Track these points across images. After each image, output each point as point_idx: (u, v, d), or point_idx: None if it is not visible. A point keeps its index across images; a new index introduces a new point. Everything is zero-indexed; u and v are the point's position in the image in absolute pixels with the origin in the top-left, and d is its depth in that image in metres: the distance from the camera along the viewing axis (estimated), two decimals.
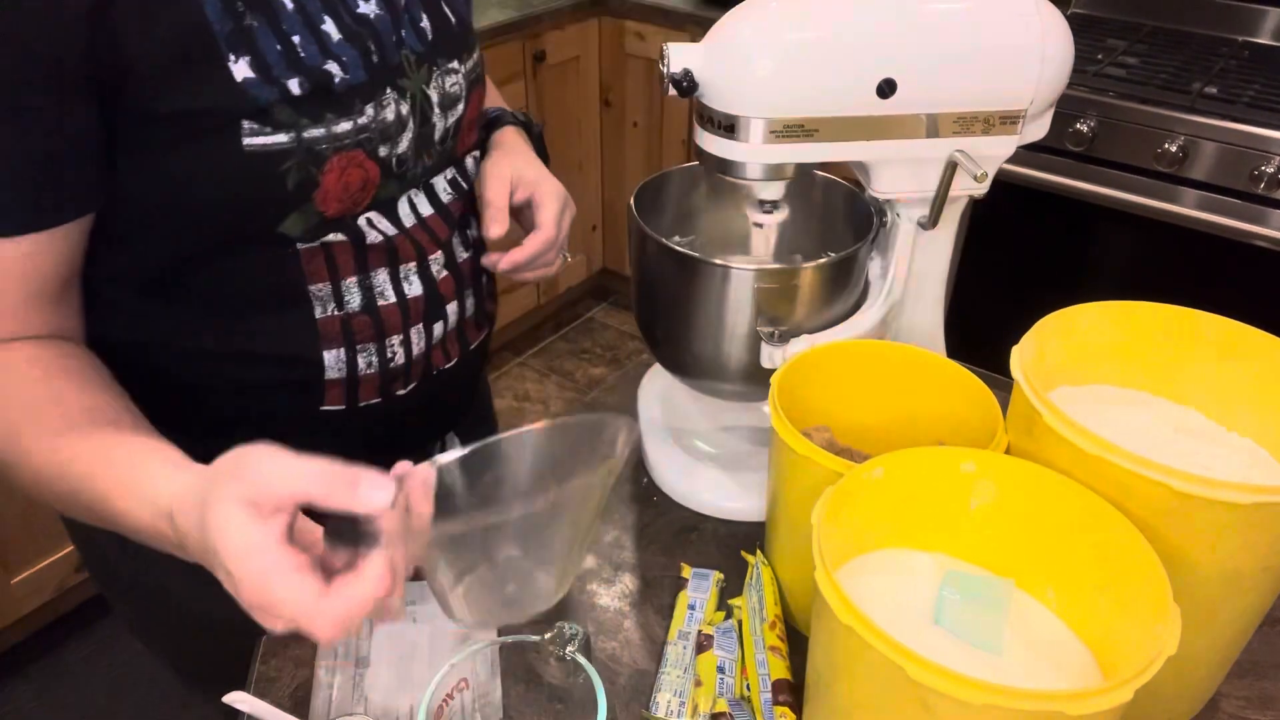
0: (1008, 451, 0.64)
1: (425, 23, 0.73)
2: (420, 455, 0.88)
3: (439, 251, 0.77)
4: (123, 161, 0.62)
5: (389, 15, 0.69)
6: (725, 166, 0.73)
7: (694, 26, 2.15)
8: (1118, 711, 0.46)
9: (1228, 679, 0.69)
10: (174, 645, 0.92)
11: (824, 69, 0.68)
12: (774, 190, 0.78)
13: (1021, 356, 0.64)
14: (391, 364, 0.76)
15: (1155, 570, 0.52)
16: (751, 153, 0.71)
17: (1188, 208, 1.58)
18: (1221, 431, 0.68)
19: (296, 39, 0.63)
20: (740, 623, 0.71)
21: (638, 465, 0.93)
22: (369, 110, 0.67)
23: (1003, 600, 0.60)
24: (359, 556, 0.46)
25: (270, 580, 0.46)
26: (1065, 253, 1.75)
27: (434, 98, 0.74)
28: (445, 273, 0.78)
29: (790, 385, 0.70)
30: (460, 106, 0.77)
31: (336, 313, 0.72)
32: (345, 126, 0.66)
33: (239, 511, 0.47)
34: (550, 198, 0.83)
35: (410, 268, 0.75)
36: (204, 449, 0.55)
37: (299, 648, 0.71)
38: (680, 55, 0.70)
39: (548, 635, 0.63)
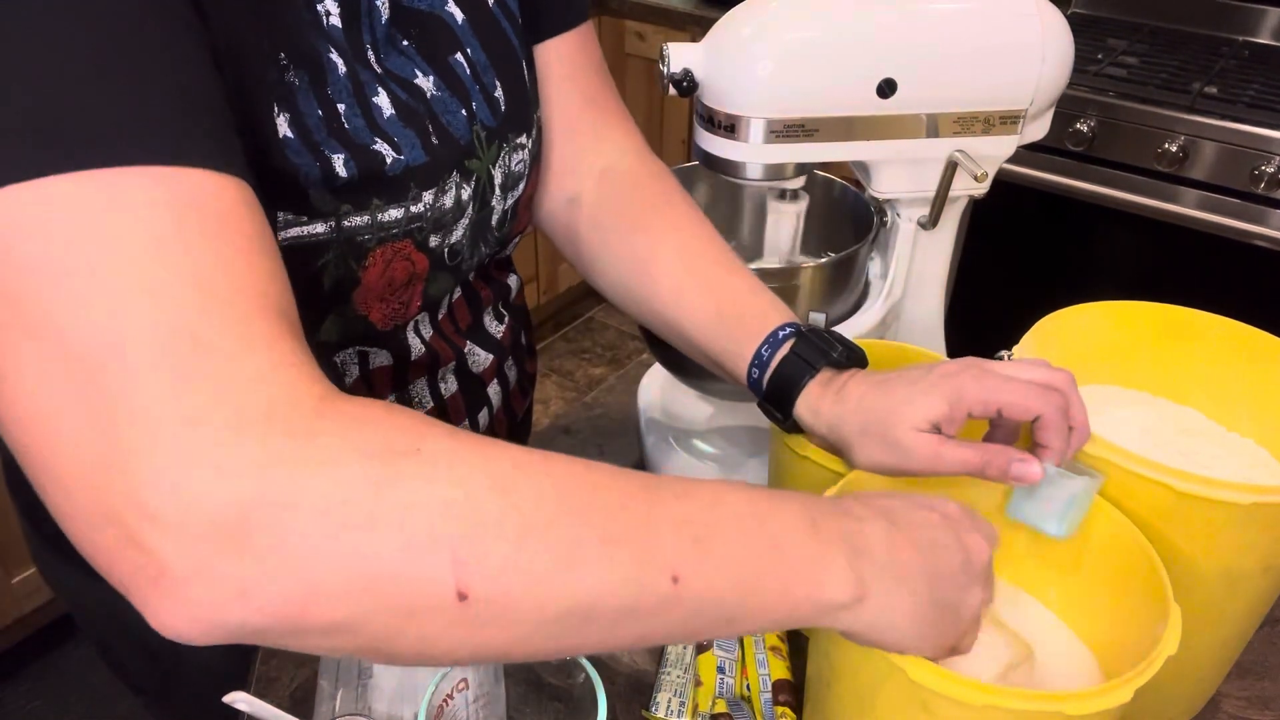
0: None
1: (499, 92, 0.64)
2: None
3: (468, 343, 0.72)
4: None
5: (449, 91, 0.61)
6: (725, 166, 0.73)
7: (694, 26, 2.15)
8: (1117, 712, 0.46)
9: (1228, 679, 0.69)
10: (161, 693, 0.85)
11: (824, 69, 0.68)
12: (795, 180, 0.77)
13: (1021, 357, 0.64)
14: None
15: (1156, 571, 0.53)
16: (751, 153, 0.71)
17: (1188, 208, 1.58)
18: (1221, 431, 0.68)
19: (342, 107, 0.54)
20: None
21: (638, 465, 0.93)
22: (427, 197, 0.59)
23: (1089, 491, 0.56)
24: None
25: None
26: (1065, 253, 1.75)
27: (498, 179, 0.65)
28: (482, 358, 0.72)
29: None
30: (521, 186, 0.69)
31: None
32: (395, 214, 0.57)
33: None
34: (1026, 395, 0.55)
35: (449, 368, 0.70)
36: None
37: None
38: (680, 55, 0.70)
39: None
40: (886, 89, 0.69)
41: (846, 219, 0.88)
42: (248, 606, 0.33)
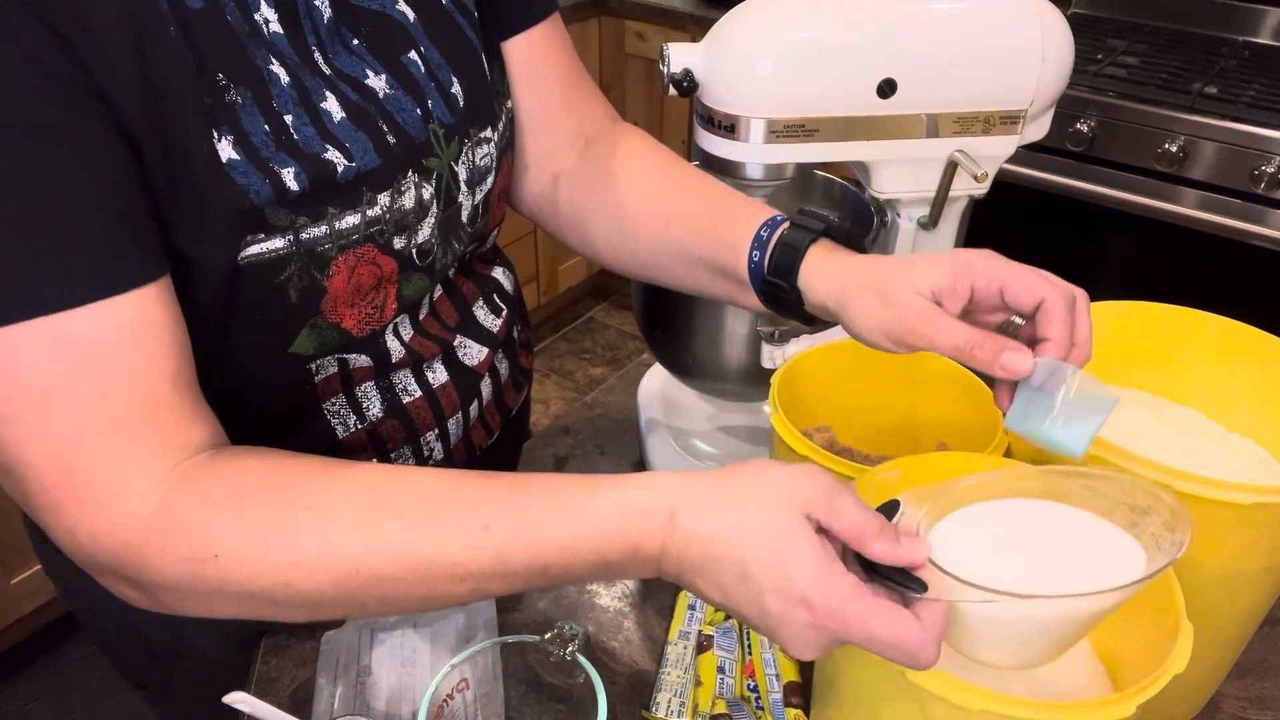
0: (1008, 453, 0.64)
1: (457, 87, 0.64)
2: None
3: (459, 336, 0.71)
4: None
5: (403, 90, 0.60)
6: (725, 166, 0.73)
7: (694, 26, 2.15)
8: None
9: (1228, 679, 0.69)
10: (161, 688, 0.86)
11: (824, 69, 0.68)
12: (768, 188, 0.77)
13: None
14: (430, 460, 0.71)
15: (1170, 586, 0.52)
16: (751, 153, 0.71)
17: (1188, 208, 1.58)
18: (1221, 431, 0.68)
19: (289, 118, 0.54)
20: (740, 623, 0.71)
21: (638, 465, 0.93)
22: (383, 199, 0.58)
23: (1105, 410, 0.51)
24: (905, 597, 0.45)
25: (860, 604, 0.43)
26: (1065, 253, 1.75)
27: (462, 174, 0.65)
28: (475, 351, 0.72)
29: (790, 385, 0.70)
30: (490, 179, 0.68)
31: (359, 425, 0.66)
32: (352, 221, 0.57)
33: (809, 528, 0.44)
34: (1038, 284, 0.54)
35: (436, 360, 0.69)
36: None
37: (299, 647, 0.71)
38: (680, 55, 0.70)
39: (548, 635, 0.63)
40: (886, 89, 0.69)
41: (846, 219, 0.88)
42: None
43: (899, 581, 0.45)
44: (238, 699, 0.61)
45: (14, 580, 1.69)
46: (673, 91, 0.71)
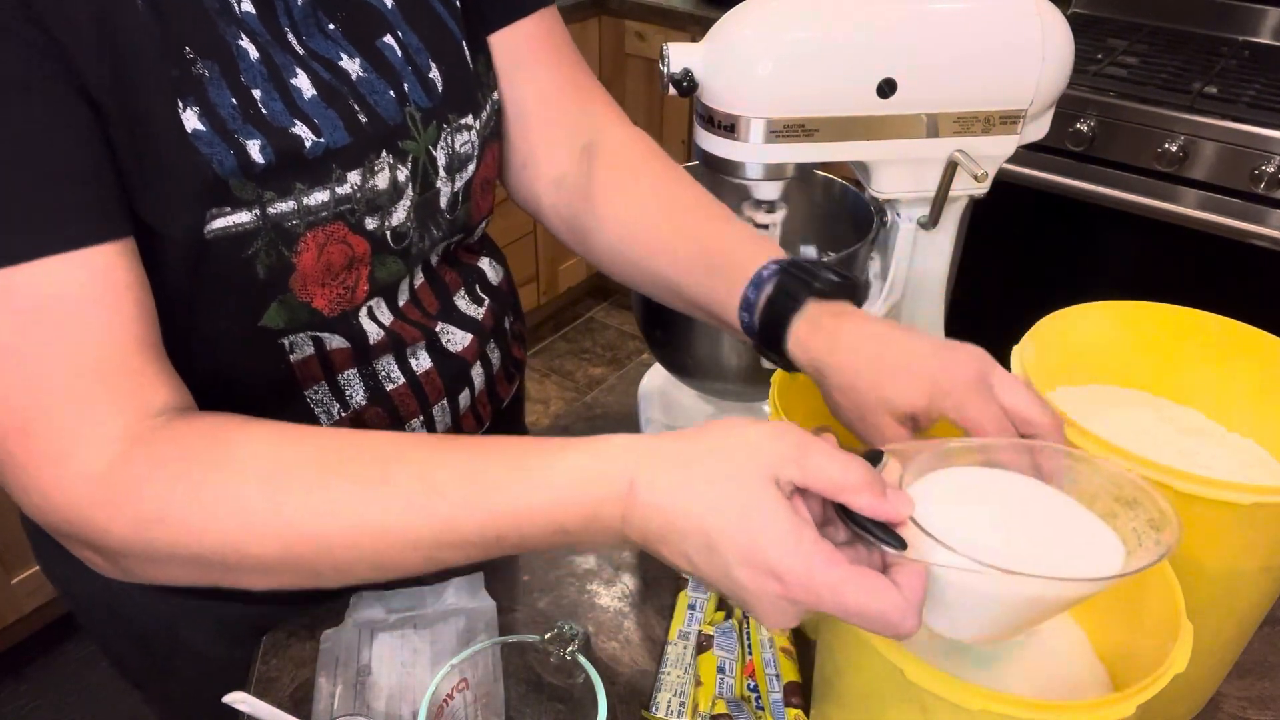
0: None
1: (435, 73, 0.64)
2: None
3: (440, 323, 0.71)
4: None
5: (377, 74, 0.61)
6: (725, 166, 0.73)
7: (694, 26, 2.15)
8: None
9: (1228, 679, 0.69)
10: (159, 686, 0.86)
11: (824, 69, 0.68)
12: (772, 190, 0.78)
13: (1022, 356, 0.64)
14: None
15: (1170, 586, 0.52)
16: (751, 153, 0.71)
17: (1188, 208, 1.58)
18: (1221, 431, 0.68)
19: (257, 92, 0.54)
20: (740, 623, 0.71)
21: None
22: (353, 177, 0.59)
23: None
24: (884, 559, 0.43)
25: (833, 573, 0.41)
26: (1065, 253, 1.75)
27: (440, 160, 0.65)
28: (460, 338, 0.72)
29: (790, 386, 0.70)
30: (471, 167, 0.68)
31: (343, 414, 0.66)
32: (320, 198, 0.57)
33: (777, 493, 0.42)
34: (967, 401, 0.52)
35: (419, 346, 0.69)
36: None
37: (299, 647, 0.71)
38: (680, 55, 0.70)
39: (548, 635, 0.63)
40: (886, 89, 0.69)
41: (846, 219, 0.88)
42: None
43: (879, 537, 0.43)
44: (238, 699, 0.61)
45: (14, 580, 1.69)
46: (673, 91, 0.71)
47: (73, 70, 0.47)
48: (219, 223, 0.53)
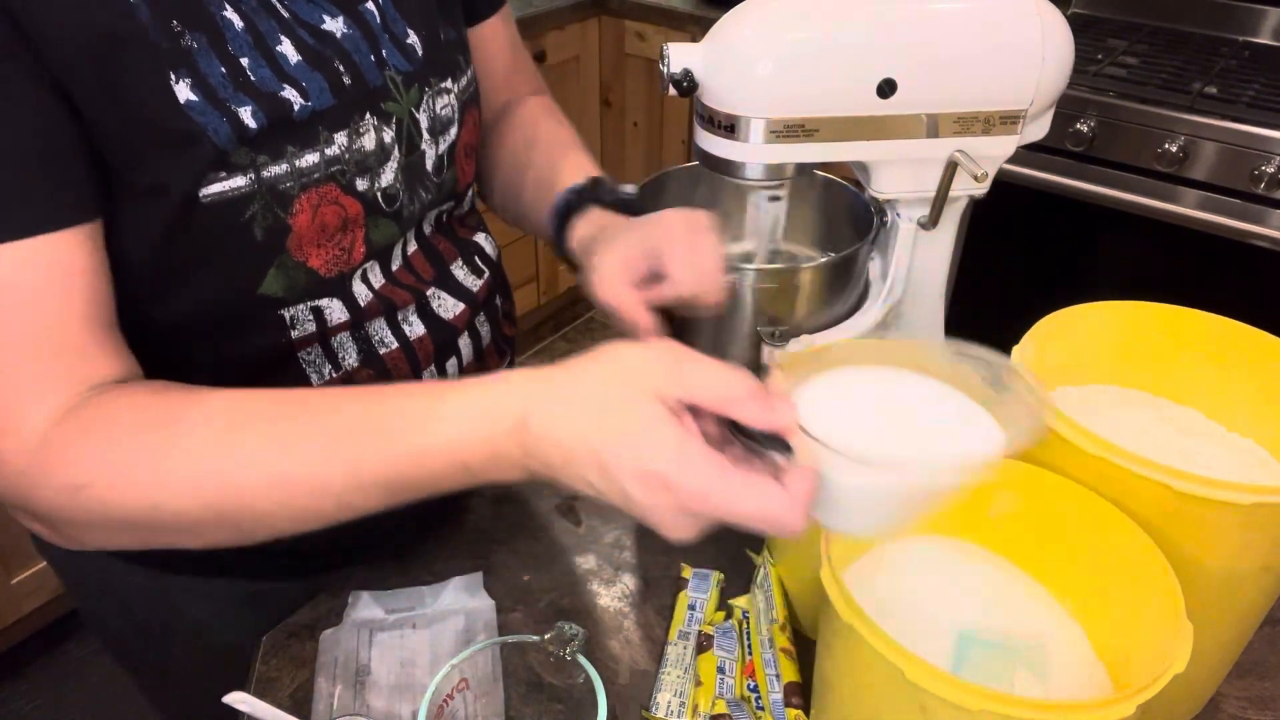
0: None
1: (413, 39, 0.67)
2: (443, 516, 0.85)
3: (433, 288, 0.73)
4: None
5: (360, 33, 0.63)
6: (725, 166, 0.73)
7: (694, 26, 2.15)
8: None
9: (1228, 679, 0.69)
10: (158, 675, 0.88)
11: (824, 69, 0.68)
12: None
13: (1021, 357, 0.64)
14: None
15: (1170, 586, 0.52)
16: (751, 153, 0.71)
17: (1188, 208, 1.58)
18: (1221, 431, 0.68)
19: (245, 61, 0.56)
20: (740, 623, 0.71)
21: None
22: (340, 139, 0.61)
23: (1023, 659, 0.56)
24: (773, 465, 0.45)
25: (722, 480, 0.43)
26: (1065, 253, 1.75)
27: (423, 122, 0.67)
28: (451, 305, 0.74)
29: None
30: (454, 130, 0.71)
31: (335, 374, 0.68)
32: (311, 159, 0.59)
33: (661, 409, 0.44)
34: (668, 242, 0.65)
35: (409, 310, 0.71)
36: None
37: (299, 647, 0.71)
38: (680, 55, 0.70)
39: (548, 635, 0.63)
40: (886, 89, 0.69)
41: (846, 219, 0.88)
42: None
43: (768, 445, 0.44)
44: (238, 699, 0.62)
45: (14, 580, 1.69)
46: (673, 91, 0.71)
47: (44, 58, 0.49)
48: (215, 188, 0.55)
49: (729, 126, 0.70)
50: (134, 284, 0.58)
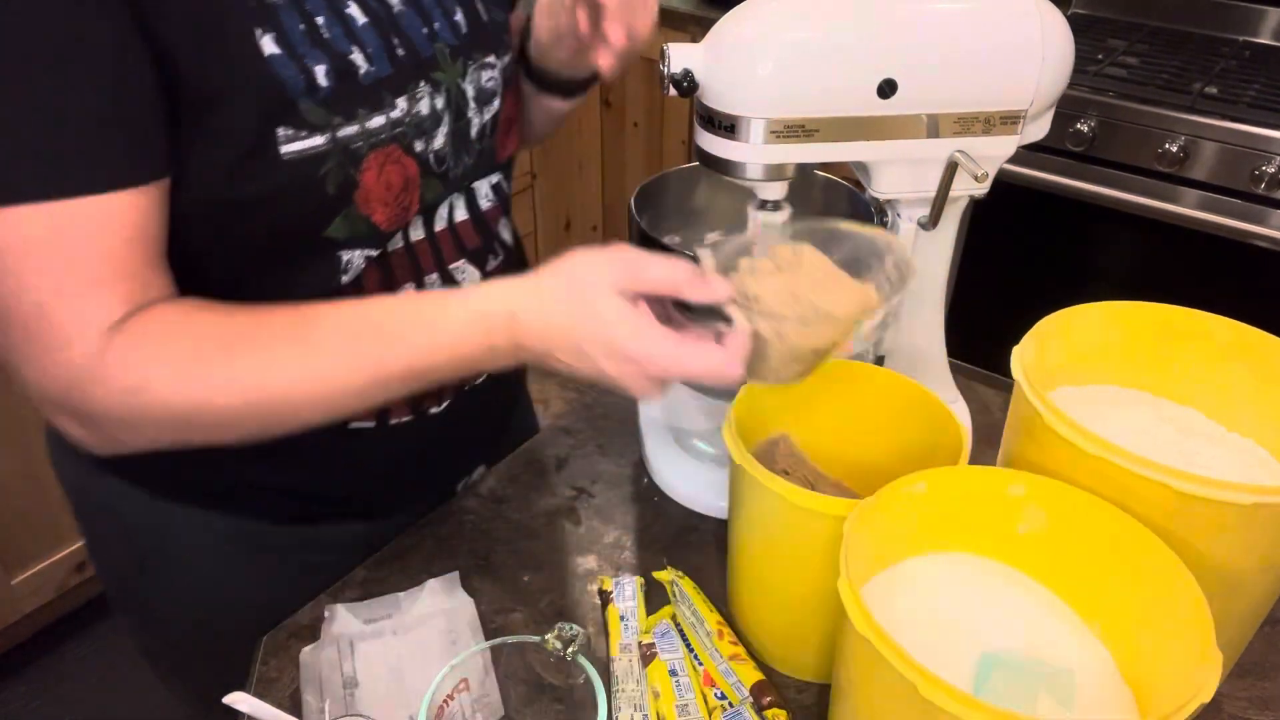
0: None
1: (460, 16, 0.73)
2: (449, 490, 0.89)
3: (462, 260, 0.76)
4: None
5: (414, 10, 0.69)
6: (725, 167, 0.73)
7: (694, 26, 2.15)
8: None
9: (1228, 679, 0.69)
10: (177, 656, 0.90)
11: (824, 69, 0.68)
12: (776, 190, 0.77)
13: (1022, 357, 0.64)
14: None
15: (1202, 615, 0.50)
16: (752, 153, 0.71)
17: (1188, 208, 1.58)
18: (1221, 431, 0.68)
19: (320, 19, 0.62)
20: (673, 618, 0.71)
21: (638, 465, 0.93)
22: (401, 103, 0.66)
23: (1046, 683, 0.55)
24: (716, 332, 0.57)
25: (673, 348, 0.55)
26: (1065, 253, 1.75)
27: (469, 92, 0.73)
28: (472, 274, 0.77)
29: (751, 393, 0.70)
30: (496, 103, 0.76)
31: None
32: (379, 121, 0.65)
33: (621, 300, 0.56)
34: None
35: (433, 278, 0.74)
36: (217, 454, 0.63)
37: (299, 648, 0.71)
38: (680, 55, 0.70)
39: (548, 636, 0.63)
40: (886, 89, 0.69)
41: (846, 219, 0.88)
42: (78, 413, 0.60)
43: (712, 316, 0.56)
44: (238, 699, 0.62)
45: (14, 580, 1.69)
46: (673, 91, 0.71)
47: (138, 12, 0.54)
48: (296, 145, 0.61)
49: (729, 126, 0.70)
50: (193, 220, 0.62)
